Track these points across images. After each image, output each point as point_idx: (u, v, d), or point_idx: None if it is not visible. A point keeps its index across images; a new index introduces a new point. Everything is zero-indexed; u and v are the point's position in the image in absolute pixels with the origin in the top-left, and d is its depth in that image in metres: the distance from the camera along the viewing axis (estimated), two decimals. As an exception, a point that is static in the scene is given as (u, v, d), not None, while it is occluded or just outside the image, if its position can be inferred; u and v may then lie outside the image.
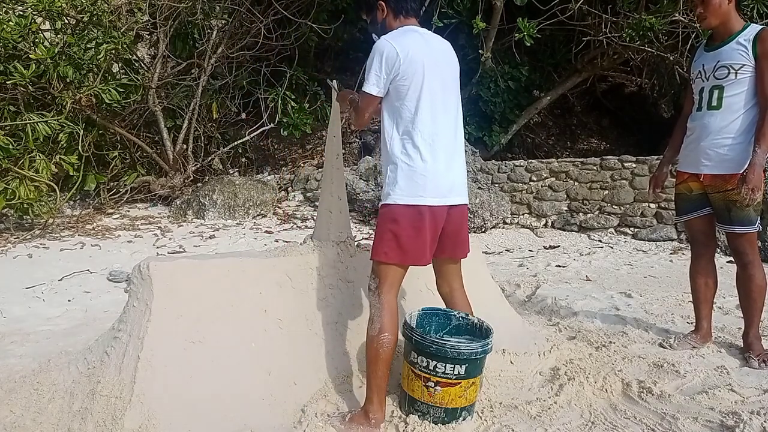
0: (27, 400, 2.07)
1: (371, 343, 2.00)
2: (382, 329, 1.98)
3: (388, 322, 1.99)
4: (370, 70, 2.02)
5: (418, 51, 2.02)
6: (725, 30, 2.60)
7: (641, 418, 2.12)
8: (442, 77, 2.09)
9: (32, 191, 5.60)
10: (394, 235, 2.00)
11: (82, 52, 6.09)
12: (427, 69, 2.02)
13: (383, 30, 2.16)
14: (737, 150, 2.54)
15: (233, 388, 2.05)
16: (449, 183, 2.07)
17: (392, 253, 2.01)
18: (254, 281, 2.29)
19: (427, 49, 2.06)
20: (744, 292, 2.71)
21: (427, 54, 2.05)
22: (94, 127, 6.62)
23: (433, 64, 2.05)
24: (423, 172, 2.00)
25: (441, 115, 2.07)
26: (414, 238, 2.01)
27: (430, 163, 2.01)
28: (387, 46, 2.00)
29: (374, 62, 2.01)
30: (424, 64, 2.02)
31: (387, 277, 2.03)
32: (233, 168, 8.53)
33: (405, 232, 2.00)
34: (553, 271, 4.83)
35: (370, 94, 2.03)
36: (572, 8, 6.77)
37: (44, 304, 3.63)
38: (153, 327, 2.04)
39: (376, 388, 2.00)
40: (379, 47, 2.01)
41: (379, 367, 1.99)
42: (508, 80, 8.06)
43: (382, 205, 2.07)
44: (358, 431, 1.99)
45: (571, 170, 6.71)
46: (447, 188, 2.06)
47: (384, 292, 2.03)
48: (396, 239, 2.00)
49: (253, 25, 7.27)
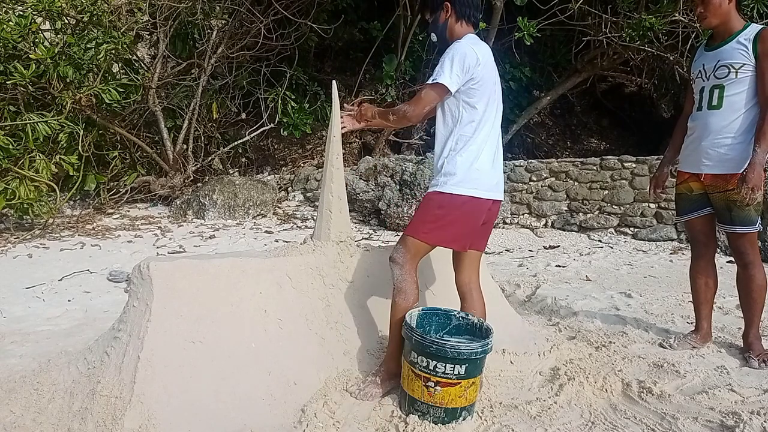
0: (27, 400, 2.07)
1: (403, 313, 2.17)
2: (415, 299, 2.20)
3: (415, 292, 2.21)
4: (447, 65, 2.13)
5: (490, 60, 2.24)
6: (725, 30, 2.60)
7: (641, 418, 2.12)
8: (496, 87, 2.30)
9: (32, 191, 5.60)
10: (438, 219, 2.17)
11: (82, 52, 6.09)
12: (490, 79, 2.23)
13: (444, 31, 2.31)
14: (738, 150, 2.54)
15: (233, 388, 2.05)
16: (495, 179, 2.27)
17: (433, 234, 2.18)
18: (254, 281, 2.29)
19: (492, 61, 2.27)
20: (744, 292, 2.71)
21: (492, 65, 2.27)
22: (94, 127, 6.62)
23: (494, 75, 2.27)
24: (478, 167, 2.18)
25: (493, 120, 2.26)
26: (455, 224, 2.18)
27: (483, 161, 2.20)
28: (468, 49, 2.15)
29: (454, 60, 2.13)
30: (494, 73, 2.26)
31: (419, 254, 2.23)
32: (233, 168, 8.53)
33: (450, 218, 2.17)
34: (553, 271, 4.83)
35: (444, 85, 2.13)
36: (572, 8, 6.77)
37: (44, 304, 3.63)
38: (153, 327, 2.04)
39: (396, 348, 2.21)
40: (460, 48, 2.15)
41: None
42: (508, 80, 8.07)
43: (434, 191, 2.21)
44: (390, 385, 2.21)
45: (571, 170, 6.71)
46: (494, 183, 2.26)
47: (414, 267, 2.22)
48: (439, 222, 2.17)
49: (253, 25, 7.27)
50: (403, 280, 2.20)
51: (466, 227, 2.21)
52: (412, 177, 6.54)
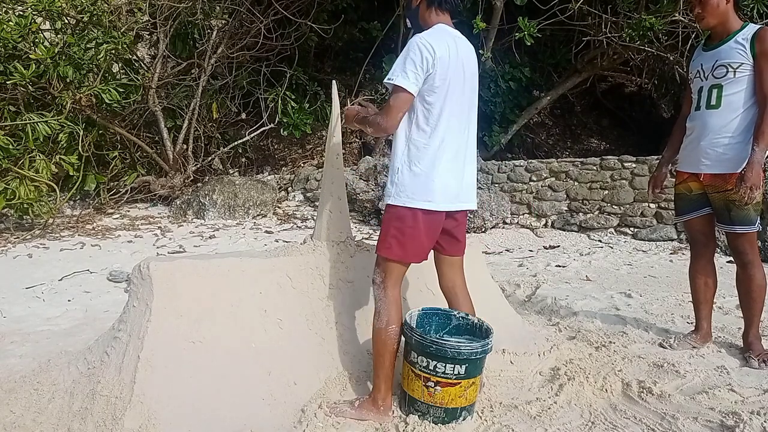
0: (27, 400, 2.07)
1: (379, 335, 2.07)
2: (390, 322, 2.06)
3: (394, 315, 2.07)
4: (401, 64, 1.96)
5: (456, 55, 2.02)
6: (724, 30, 2.60)
7: (641, 418, 2.12)
8: (463, 86, 2.09)
9: (32, 191, 5.60)
10: (397, 233, 2.06)
11: (82, 52, 6.10)
12: (453, 76, 2.02)
13: (416, 18, 2.15)
14: (737, 149, 2.54)
15: (233, 388, 2.05)
16: (455, 190, 2.09)
17: (395, 249, 2.07)
18: (254, 281, 2.29)
19: (456, 55, 2.04)
20: (744, 292, 2.71)
21: (456, 60, 2.03)
22: (94, 127, 6.62)
23: (459, 72, 2.05)
24: (434, 178, 2.02)
25: (456, 124, 2.07)
26: (414, 238, 2.06)
27: (440, 171, 2.03)
28: (425, 43, 1.95)
29: (408, 57, 1.95)
30: (460, 70, 2.04)
31: (392, 273, 2.10)
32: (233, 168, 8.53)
33: (408, 232, 2.05)
34: (553, 271, 4.83)
35: (407, 90, 1.95)
36: (572, 8, 6.77)
37: (44, 304, 3.63)
38: (153, 327, 2.04)
39: (384, 377, 2.07)
40: (415, 44, 1.95)
41: (387, 357, 2.07)
42: (509, 80, 8.07)
43: (387, 204, 2.10)
44: (368, 416, 2.06)
45: (571, 170, 6.71)
46: (453, 195, 2.09)
47: (390, 287, 2.10)
48: (399, 237, 2.06)
49: (253, 25, 7.27)
50: (378, 300, 2.10)
51: (427, 240, 2.08)
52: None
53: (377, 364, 2.08)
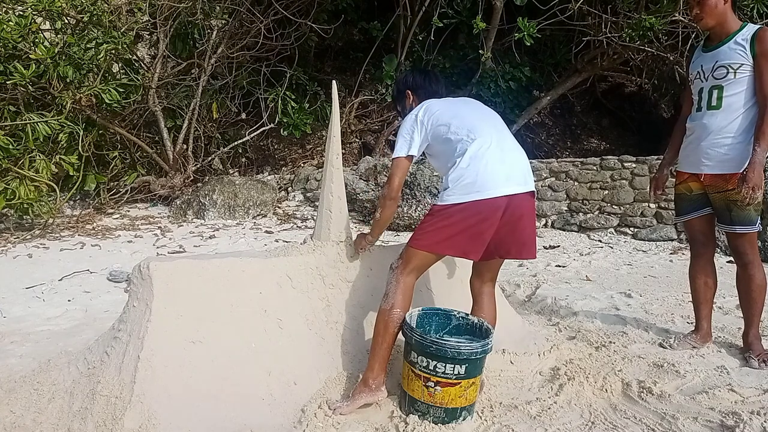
0: (27, 400, 2.07)
1: (382, 316, 2.13)
2: (395, 305, 2.11)
3: (401, 300, 2.12)
4: (398, 140, 2.26)
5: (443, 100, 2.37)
6: (722, 30, 2.60)
7: (641, 418, 2.12)
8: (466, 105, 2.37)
9: (32, 191, 5.60)
10: (428, 226, 2.13)
11: (82, 52, 6.09)
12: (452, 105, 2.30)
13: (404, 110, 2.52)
14: (738, 149, 2.54)
15: (233, 388, 2.05)
16: (504, 173, 2.11)
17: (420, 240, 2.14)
18: (254, 281, 2.29)
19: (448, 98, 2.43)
20: (744, 292, 2.71)
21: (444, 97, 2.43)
22: (94, 127, 6.62)
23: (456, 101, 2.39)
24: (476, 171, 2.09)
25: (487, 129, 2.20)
26: (457, 228, 2.08)
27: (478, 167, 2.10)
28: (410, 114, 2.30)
29: (402, 131, 2.26)
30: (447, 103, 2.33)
31: (411, 260, 2.15)
32: (233, 168, 8.53)
33: (440, 224, 2.10)
34: (553, 271, 4.83)
35: (400, 157, 2.24)
36: (572, 8, 6.77)
37: (44, 304, 3.63)
38: (153, 327, 2.04)
39: (379, 359, 2.12)
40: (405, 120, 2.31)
41: (386, 339, 2.11)
42: (509, 80, 8.06)
43: (433, 205, 2.20)
44: (362, 399, 2.09)
45: (571, 170, 6.71)
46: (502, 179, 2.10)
47: (404, 273, 2.15)
48: (431, 229, 2.11)
49: (253, 25, 7.27)
50: (389, 284, 2.18)
51: (462, 232, 2.08)
52: (412, 177, 6.53)
53: (375, 344, 2.12)
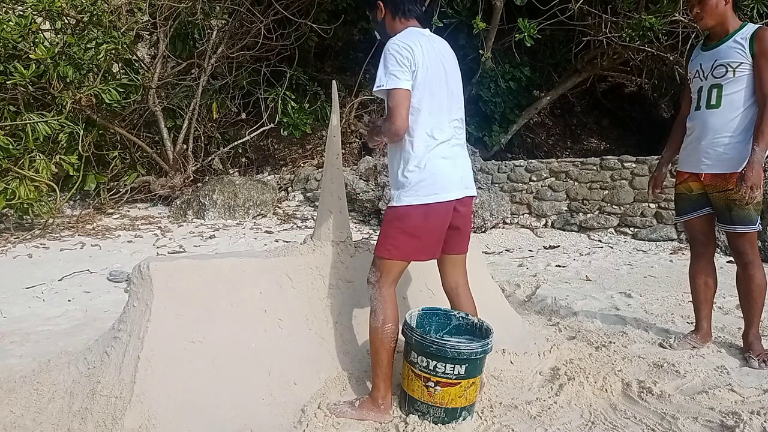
0: (27, 400, 2.07)
1: (375, 334, 2.07)
2: (386, 320, 2.06)
3: (390, 314, 2.07)
4: (389, 68, 1.97)
5: (425, 52, 2.02)
6: (722, 30, 2.60)
7: (641, 418, 2.12)
8: (446, 78, 2.10)
9: (32, 191, 5.60)
10: (397, 233, 2.06)
11: (82, 52, 6.10)
12: (433, 71, 2.04)
13: (383, 29, 2.19)
14: (737, 149, 2.54)
15: (233, 388, 2.05)
16: (458, 175, 2.11)
17: (393, 250, 2.07)
18: (254, 281, 2.29)
19: (432, 49, 2.06)
20: (744, 292, 2.71)
21: (432, 54, 2.05)
22: (94, 127, 6.63)
23: (438, 65, 2.07)
24: (432, 170, 2.03)
25: (445, 117, 2.09)
26: (415, 236, 2.05)
27: (436, 162, 2.04)
28: (398, 45, 1.98)
29: (391, 61, 1.97)
30: (431, 65, 2.03)
31: (390, 272, 2.09)
32: (233, 168, 8.53)
33: (409, 231, 2.04)
34: (553, 271, 4.83)
35: (401, 88, 1.96)
36: (572, 8, 6.77)
37: (44, 304, 3.63)
38: (153, 327, 2.04)
39: (383, 375, 2.07)
40: (391, 47, 1.99)
41: (384, 356, 2.06)
42: (509, 80, 8.06)
43: (389, 207, 2.10)
44: (369, 416, 2.06)
45: (571, 170, 6.71)
46: (456, 181, 2.09)
47: (385, 286, 2.09)
48: (398, 237, 2.05)
49: (253, 25, 7.27)
50: (374, 300, 2.10)
51: (430, 236, 2.07)
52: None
53: (375, 362, 2.08)
